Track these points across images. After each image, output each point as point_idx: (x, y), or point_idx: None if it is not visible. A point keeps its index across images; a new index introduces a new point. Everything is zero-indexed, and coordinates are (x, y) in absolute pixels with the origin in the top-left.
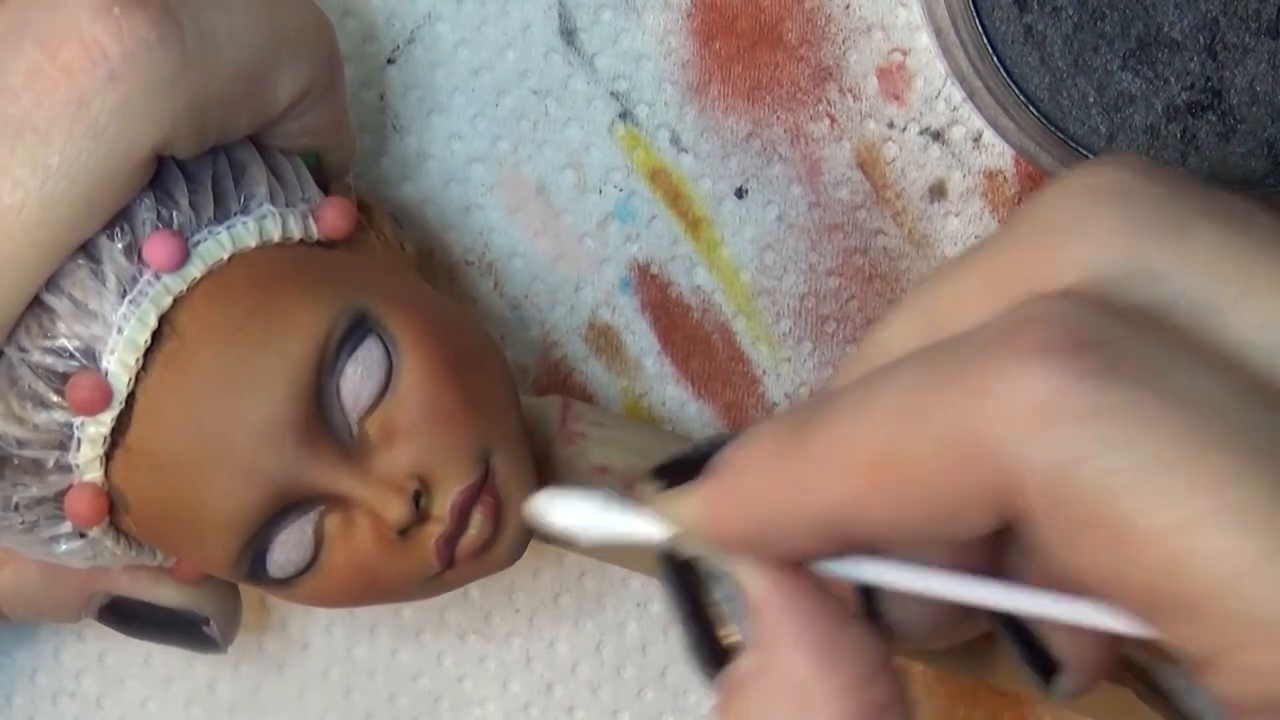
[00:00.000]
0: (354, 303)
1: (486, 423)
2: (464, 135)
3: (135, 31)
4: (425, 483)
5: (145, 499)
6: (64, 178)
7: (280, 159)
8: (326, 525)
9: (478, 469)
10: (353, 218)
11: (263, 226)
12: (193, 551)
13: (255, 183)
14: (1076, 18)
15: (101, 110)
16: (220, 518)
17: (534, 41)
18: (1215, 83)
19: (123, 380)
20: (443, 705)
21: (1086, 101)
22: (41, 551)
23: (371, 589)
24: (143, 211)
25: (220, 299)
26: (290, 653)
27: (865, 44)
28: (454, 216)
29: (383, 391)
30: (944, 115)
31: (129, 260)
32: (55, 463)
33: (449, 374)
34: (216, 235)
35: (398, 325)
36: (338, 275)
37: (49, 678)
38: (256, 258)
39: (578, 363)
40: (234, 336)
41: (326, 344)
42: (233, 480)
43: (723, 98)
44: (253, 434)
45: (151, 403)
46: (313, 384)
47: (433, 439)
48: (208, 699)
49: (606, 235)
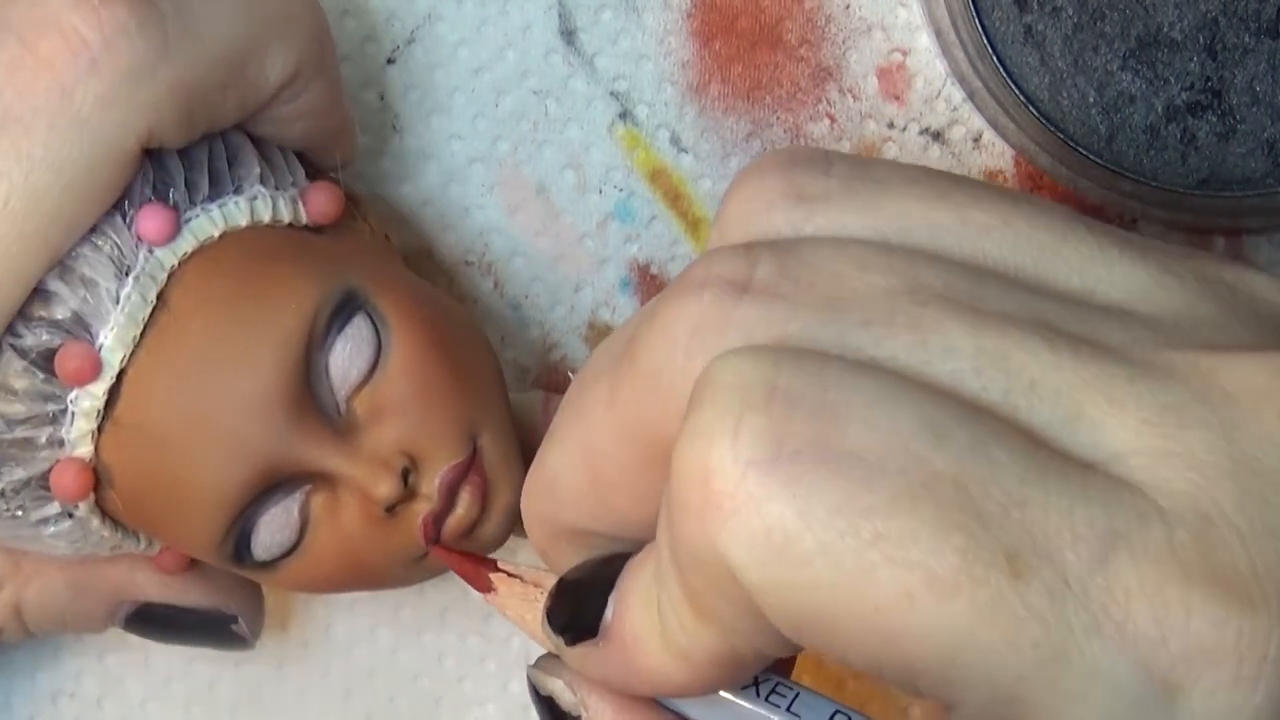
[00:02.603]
0: (343, 281)
1: (474, 403)
2: (464, 135)
3: (114, 19)
4: (413, 460)
5: (132, 474)
6: (49, 170)
7: (271, 146)
8: (312, 506)
9: (465, 448)
10: (341, 203)
11: (254, 207)
12: (178, 531)
13: (247, 165)
14: (1076, 18)
15: (84, 100)
16: (207, 493)
17: (534, 41)
18: (1215, 83)
19: (117, 355)
20: (443, 706)
21: (1086, 101)
22: (30, 537)
23: (356, 571)
24: (139, 185)
25: (211, 274)
26: (290, 653)
27: (865, 44)
28: (454, 216)
29: (371, 369)
30: (944, 115)
31: (127, 233)
32: (47, 439)
33: (437, 353)
34: (209, 212)
35: (387, 304)
36: (327, 256)
37: (49, 678)
38: (247, 236)
39: (578, 363)
40: (224, 311)
41: (316, 320)
42: (221, 454)
43: (723, 98)
44: (241, 408)
45: (142, 375)
46: (302, 359)
47: (421, 417)
48: (208, 699)
49: (606, 235)
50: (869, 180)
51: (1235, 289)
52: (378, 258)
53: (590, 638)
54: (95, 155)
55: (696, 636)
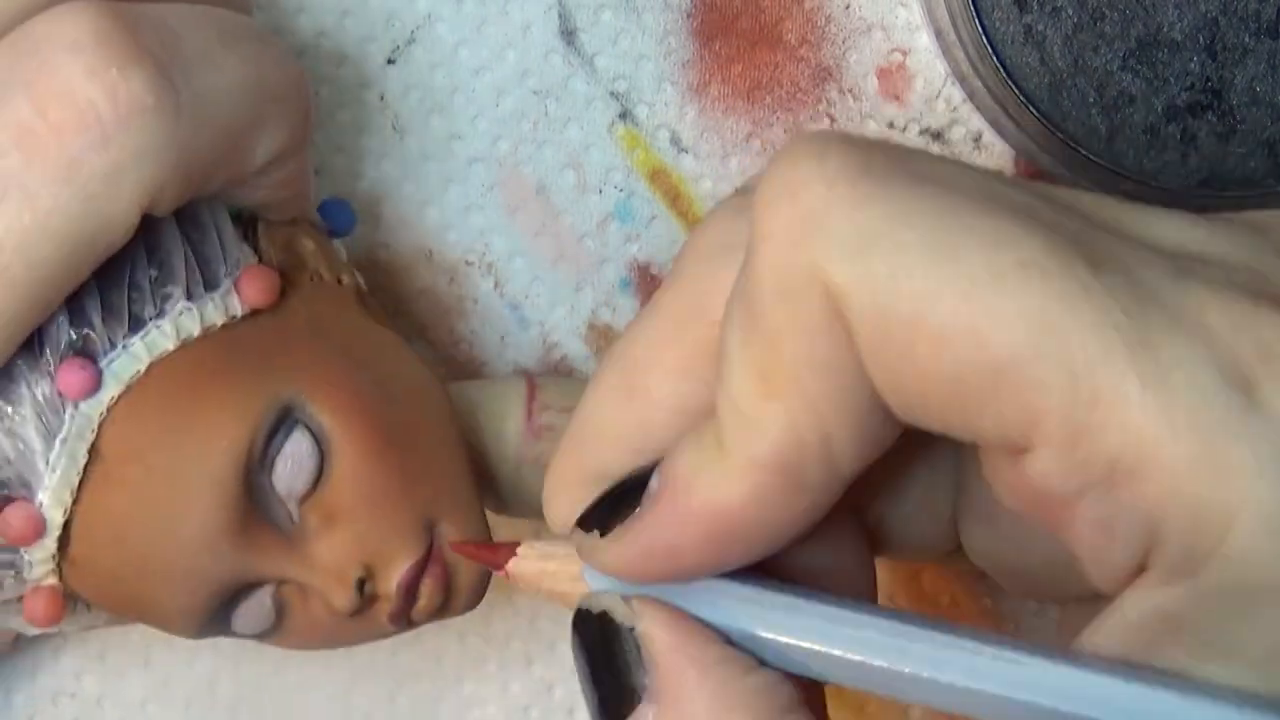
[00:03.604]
0: (277, 396)
1: (428, 492)
2: (464, 135)
3: (132, 95)
4: (370, 567)
5: (99, 599)
6: (49, 240)
7: (205, 228)
8: (284, 594)
9: (422, 543)
10: (275, 287)
11: (179, 325)
12: (159, 627)
13: (173, 280)
14: (1076, 18)
15: (92, 175)
16: (172, 613)
17: (534, 42)
18: (1215, 83)
19: (57, 513)
20: (443, 706)
21: (1086, 101)
22: (16, 626)
23: (338, 644)
24: (55, 331)
25: (139, 416)
26: (290, 653)
27: (865, 44)
28: (454, 216)
29: (317, 479)
30: (944, 115)
31: (50, 388)
32: (13, 578)
33: (382, 455)
34: (130, 349)
35: (325, 410)
36: (261, 359)
37: (49, 678)
38: (175, 360)
39: (578, 363)
40: (156, 455)
41: (253, 445)
42: (176, 586)
43: (723, 98)
44: (187, 546)
45: (85, 524)
46: (242, 487)
47: (372, 521)
48: (208, 699)
49: (606, 235)
50: None
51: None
52: (318, 339)
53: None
54: (96, 229)
55: (762, 426)
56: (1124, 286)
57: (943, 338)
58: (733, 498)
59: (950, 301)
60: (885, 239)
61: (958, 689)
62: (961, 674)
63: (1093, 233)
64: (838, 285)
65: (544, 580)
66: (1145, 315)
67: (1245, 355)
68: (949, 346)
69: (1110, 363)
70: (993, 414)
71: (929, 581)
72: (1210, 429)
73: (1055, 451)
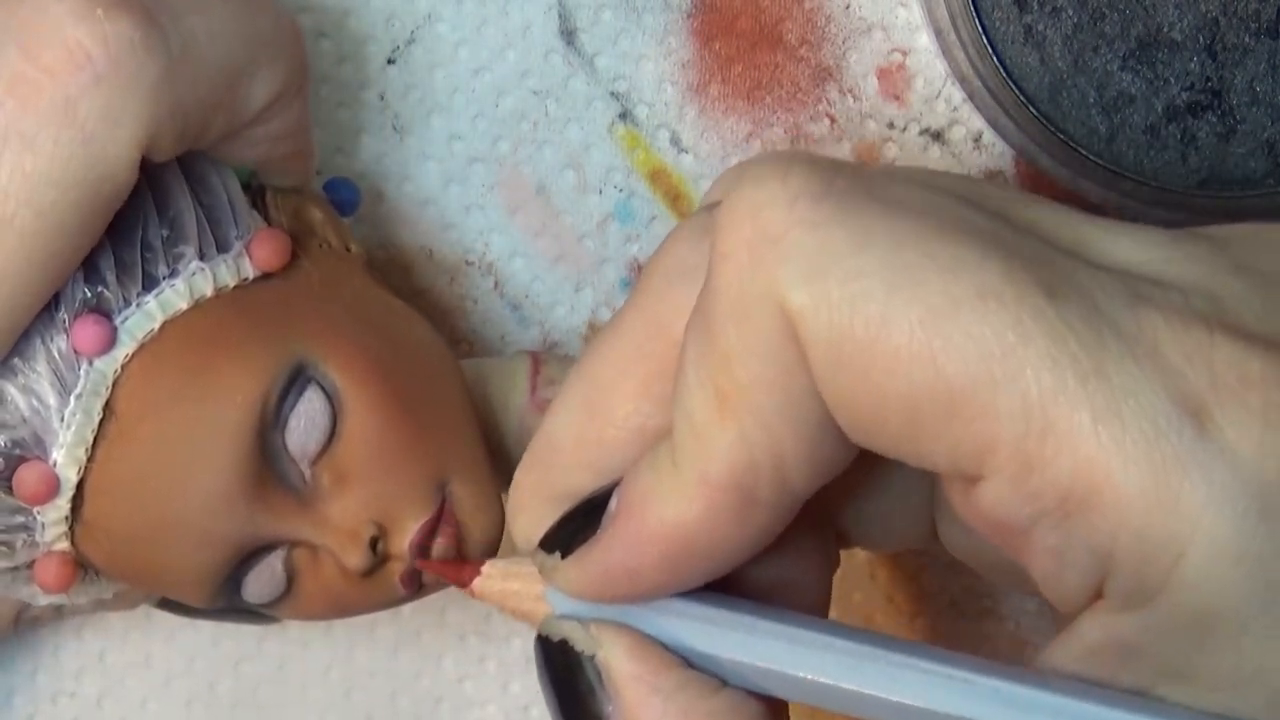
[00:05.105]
0: (291, 355)
1: (439, 451)
2: (464, 135)
3: (119, 33)
4: (382, 526)
5: (111, 563)
6: (54, 186)
7: (215, 191)
8: (295, 560)
9: (433, 502)
10: (286, 249)
11: (193, 285)
12: (168, 592)
13: (185, 239)
14: (1076, 18)
15: (88, 114)
16: (185, 575)
17: (534, 42)
18: (1215, 83)
19: (71, 471)
20: (443, 706)
21: (1086, 101)
22: (25, 595)
23: (347, 610)
24: (71, 290)
25: (154, 374)
26: (290, 653)
27: (865, 44)
28: (454, 216)
29: (329, 438)
30: (944, 115)
31: (66, 344)
32: (24, 542)
33: (394, 413)
34: (145, 306)
35: (338, 369)
36: (273, 320)
37: (49, 678)
38: (189, 319)
39: None
40: (171, 413)
41: (266, 404)
42: (190, 546)
43: (723, 98)
44: (202, 504)
45: (99, 483)
46: (255, 445)
47: (384, 480)
48: (208, 699)
49: (606, 235)
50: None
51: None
52: (329, 302)
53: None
54: (99, 171)
55: (715, 446)
56: (1079, 315)
57: (897, 364)
58: (687, 517)
59: (906, 328)
60: (843, 262)
61: (910, 709)
62: (914, 694)
63: (1051, 256)
64: (793, 307)
65: (508, 600)
66: (1100, 344)
67: (1197, 385)
68: (903, 373)
69: (1063, 393)
70: (946, 442)
71: (929, 581)
72: (1161, 460)
73: (1007, 481)
